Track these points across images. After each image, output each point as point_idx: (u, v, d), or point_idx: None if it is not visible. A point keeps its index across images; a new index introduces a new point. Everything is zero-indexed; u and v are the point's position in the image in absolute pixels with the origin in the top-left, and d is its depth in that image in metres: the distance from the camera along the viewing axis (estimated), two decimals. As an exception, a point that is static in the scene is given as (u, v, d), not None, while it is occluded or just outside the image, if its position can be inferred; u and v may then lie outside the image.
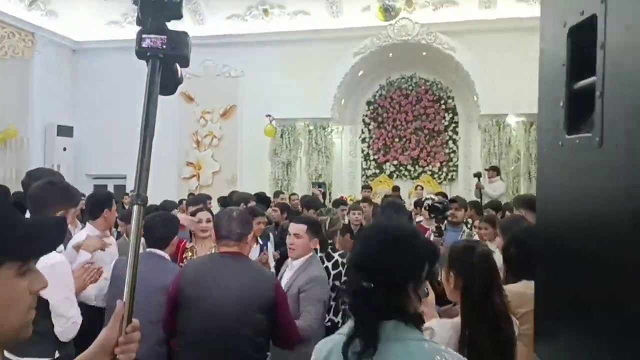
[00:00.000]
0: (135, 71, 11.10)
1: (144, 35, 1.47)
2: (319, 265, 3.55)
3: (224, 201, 6.93)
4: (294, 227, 3.48)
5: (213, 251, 3.84)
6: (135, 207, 1.44)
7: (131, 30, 10.02)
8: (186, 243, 4.12)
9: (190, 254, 3.98)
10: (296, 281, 3.30)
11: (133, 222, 1.44)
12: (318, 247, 3.66)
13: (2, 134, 11.05)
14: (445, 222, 4.31)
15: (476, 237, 4.45)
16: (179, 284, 2.74)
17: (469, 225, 5.26)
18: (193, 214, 4.56)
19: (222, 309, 2.60)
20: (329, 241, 4.19)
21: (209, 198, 7.72)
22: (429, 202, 4.35)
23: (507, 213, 5.38)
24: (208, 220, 4.11)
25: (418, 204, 8.36)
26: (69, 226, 3.52)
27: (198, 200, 5.93)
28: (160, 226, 3.31)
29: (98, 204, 3.76)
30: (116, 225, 5.36)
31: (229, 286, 2.63)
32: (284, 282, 3.40)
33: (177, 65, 1.56)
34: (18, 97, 11.44)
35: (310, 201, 6.96)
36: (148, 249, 3.25)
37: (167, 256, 3.26)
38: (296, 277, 3.33)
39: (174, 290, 2.75)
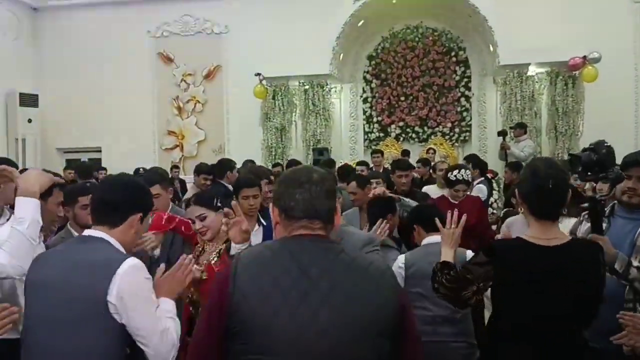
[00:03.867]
0: (106, 31, 9.59)
1: None
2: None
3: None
4: None
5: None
6: None
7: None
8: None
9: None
10: None
11: None
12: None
13: (-45, 105, 9.69)
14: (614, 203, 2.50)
15: None
16: (232, 297, 1.51)
17: None
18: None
19: (318, 336, 1.46)
20: None
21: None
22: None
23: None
24: (201, 218, 2.74)
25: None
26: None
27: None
28: (111, 186, 2.09)
29: None
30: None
31: (326, 296, 1.49)
32: None
33: None
34: (-28, 63, 10.04)
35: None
36: (84, 232, 2.04)
37: (113, 241, 1.95)
38: None
39: (222, 311, 1.52)
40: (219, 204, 2.75)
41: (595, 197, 2.43)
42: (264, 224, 3.56)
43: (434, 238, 3.00)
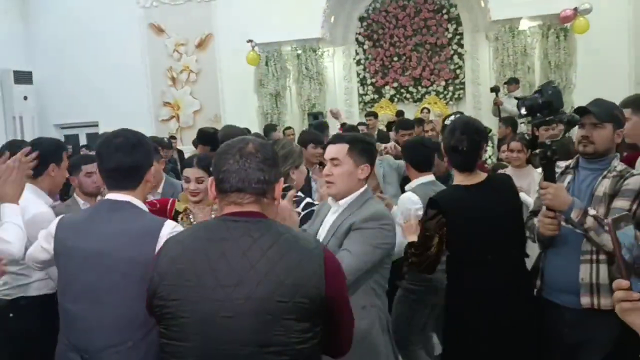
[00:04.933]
0: (95, 4, 9.38)
1: None
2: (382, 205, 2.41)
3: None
4: (331, 150, 2.31)
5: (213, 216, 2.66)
6: None
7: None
8: (175, 202, 2.91)
9: (184, 219, 2.81)
10: (348, 219, 2.24)
11: None
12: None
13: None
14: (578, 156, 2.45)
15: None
16: (152, 279, 1.54)
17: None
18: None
19: (231, 319, 1.43)
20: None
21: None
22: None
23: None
24: (199, 181, 2.79)
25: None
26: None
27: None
28: (124, 151, 2.03)
29: (41, 157, 2.62)
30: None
31: (242, 277, 1.44)
32: (322, 234, 2.34)
33: None
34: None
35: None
36: (107, 196, 2.08)
37: (139, 204, 2.07)
38: (348, 215, 2.25)
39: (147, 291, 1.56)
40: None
41: (545, 142, 2.31)
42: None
43: (426, 178, 3.30)
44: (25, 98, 10.71)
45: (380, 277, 2.30)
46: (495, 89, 8.10)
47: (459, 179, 2.55)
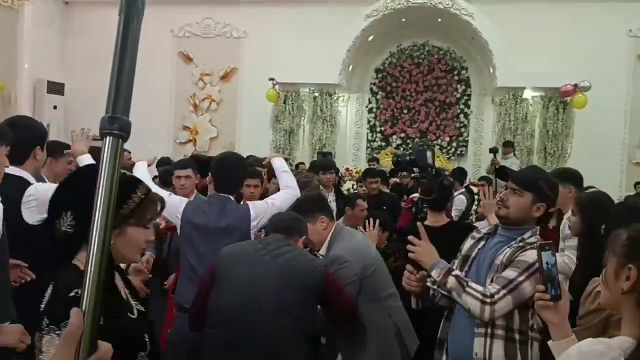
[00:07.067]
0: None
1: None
2: (349, 240, 3.01)
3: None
4: None
5: None
6: (108, 139, 0.93)
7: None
8: None
9: None
10: None
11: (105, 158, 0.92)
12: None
13: (-12, 88, 10.38)
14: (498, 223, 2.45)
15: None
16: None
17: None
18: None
19: (262, 281, 2.55)
20: None
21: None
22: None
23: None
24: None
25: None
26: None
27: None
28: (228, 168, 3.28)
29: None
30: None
31: (277, 255, 2.61)
32: None
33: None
34: (6, 50, 10.72)
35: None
36: (217, 194, 3.27)
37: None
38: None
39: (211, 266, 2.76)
40: None
41: (414, 199, 2.41)
42: None
43: None
44: (55, 107, 11.37)
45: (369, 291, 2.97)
46: (493, 150, 8.66)
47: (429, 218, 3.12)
